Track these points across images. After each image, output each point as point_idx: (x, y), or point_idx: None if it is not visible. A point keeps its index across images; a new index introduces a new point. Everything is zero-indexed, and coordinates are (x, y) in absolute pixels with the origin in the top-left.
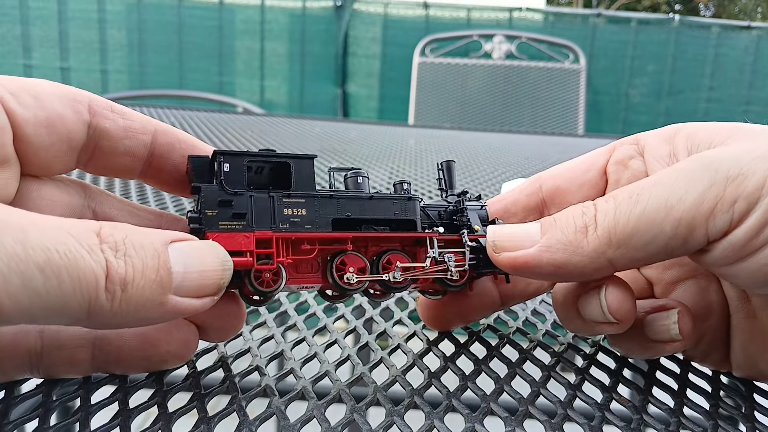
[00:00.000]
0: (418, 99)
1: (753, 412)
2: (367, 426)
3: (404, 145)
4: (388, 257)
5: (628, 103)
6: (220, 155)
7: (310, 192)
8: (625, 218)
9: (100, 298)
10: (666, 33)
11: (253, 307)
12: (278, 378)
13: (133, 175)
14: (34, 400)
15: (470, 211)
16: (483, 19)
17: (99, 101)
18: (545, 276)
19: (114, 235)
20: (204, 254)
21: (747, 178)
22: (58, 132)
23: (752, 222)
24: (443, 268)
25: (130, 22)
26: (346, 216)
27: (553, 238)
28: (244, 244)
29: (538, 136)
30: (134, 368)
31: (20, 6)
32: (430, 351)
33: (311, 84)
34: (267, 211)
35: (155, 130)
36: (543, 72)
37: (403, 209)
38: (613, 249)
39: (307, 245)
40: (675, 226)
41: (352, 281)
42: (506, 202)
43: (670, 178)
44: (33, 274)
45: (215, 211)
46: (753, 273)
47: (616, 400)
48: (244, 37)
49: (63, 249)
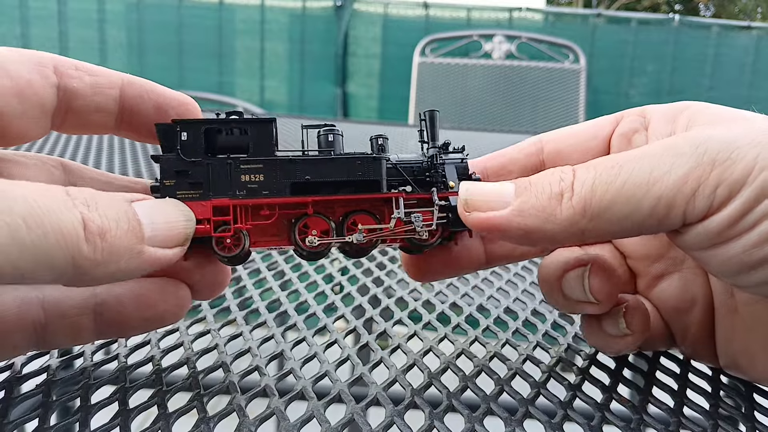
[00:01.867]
0: (418, 99)
1: (753, 412)
2: (367, 426)
3: (404, 145)
4: (353, 218)
5: (628, 103)
6: (178, 124)
7: (268, 156)
8: (603, 189)
9: (83, 249)
10: (666, 33)
11: (252, 308)
12: (278, 378)
13: (108, 129)
14: (34, 400)
15: (447, 165)
16: (483, 19)
17: (63, 62)
18: (514, 240)
19: (82, 193)
20: (165, 208)
21: (734, 163)
22: (28, 99)
23: (731, 211)
24: (410, 228)
25: (130, 22)
26: (306, 179)
27: (526, 202)
28: (201, 212)
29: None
30: (134, 330)
31: (20, 6)
32: (430, 351)
33: (311, 84)
34: (224, 177)
35: (122, 83)
36: (543, 72)
37: (367, 169)
38: (587, 220)
39: (266, 210)
40: (653, 205)
41: (315, 244)
42: (503, 159)
43: (657, 154)
44: (18, 225)
45: (173, 181)
46: (724, 262)
47: (616, 400)
48: (244, 37)
49: (41, 202)
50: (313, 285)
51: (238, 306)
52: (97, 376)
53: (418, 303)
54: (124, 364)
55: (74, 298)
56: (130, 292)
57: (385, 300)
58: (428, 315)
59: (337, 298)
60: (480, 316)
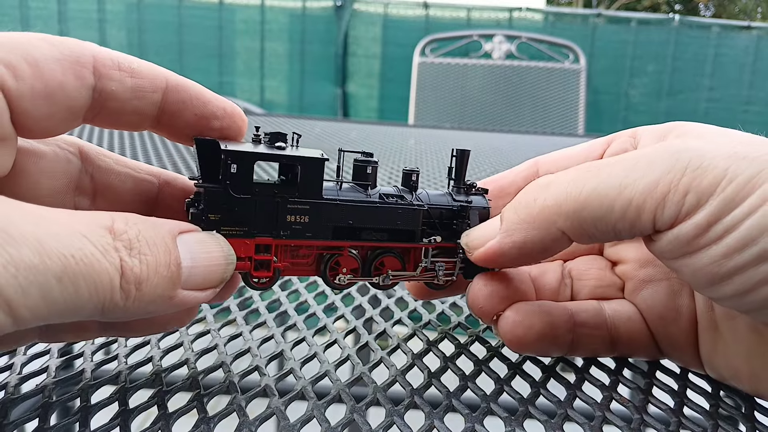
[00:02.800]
0: (418, 99)
1: (753, 412)
2: (367, 426)
3: (404, 145)
4: (381, 259)
5: (628, 103)
6: (229, 156)
7: (315, 198)
8: (577, 190)
9: (115, 298)
10: (666, 33)
11: (252, 308)
12: (278, 378)
13: (142, 128)
14: (34, 400)
15: (472, 212)
16: (483, 19)
17: (104, 59)
18: (516, 261)
19: (128, 232)
20: (210, 248)
21: (704, 172)
22: (58, 102)
23: (698, 219)
24: (432, 275)
25: (130, 22)
26: (348, 224)
27: (508, 220)
28: (243, 250)
29: (538, 136)
30: (139, 333)
31: (20, 6)
32: (430, 351)
33: (311, 84)
34: (270, 215)
35: (166, 86)
36: (543, 72)
37: (406, 219)
38: (563, 219)
39: (305, 250)
40: (624, 207)
41: (344, 282)
42: (502, 183)
43: (633, 159)
44: (51, 285)
45: (218, 216)
46: (695, 272)
47: (616, 400)
48: (244, 37)
49: (79, 255)
50: (313, 285)
51: (238, 306)
52: (97, 376)
53: (418, 303)
54: (124, 364)
55: None
56: None
57: (385, 300)
58: (428, 315)
59: (337, 298)
60: None
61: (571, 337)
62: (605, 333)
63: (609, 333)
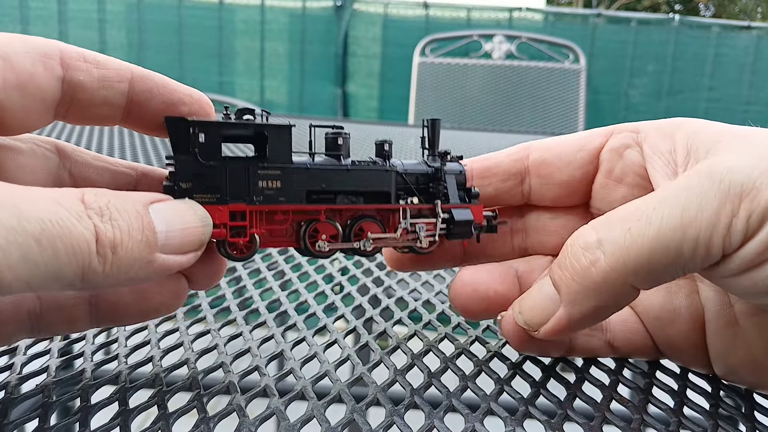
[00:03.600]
0: (418, 99)
1: (753, 412)
2: (367, 426)
3: (404, 145)
4: (360, 224)
5: (628, 103)
6: (196, 125)
7: (285, 164)
8: (638, 243)
9: (93, 263)
10: (666, 33)
11: (252, 308)
12: (278, 378)
13: (114, 122)
14: (34, 400)
15: (448, 176)
16: (483, 19)
17: (71, 52)
18: (588, 324)
19: (97, 201)
20: (183, 212)
21: (760, 191)
22: (30, 92)
23: (763, 236)
24: (414, 237)
25: (130, 22)
26: (321, 187)
27: (569, 291)
28: (217, 216)
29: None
30: (130, 320)
31: (20, 6)
32: (430, 351)
33: (311, 84)
34: (242, 182)
35: (132, 76)
36: (543, 72)
37: (379, 181)
38: (633, 276)
39: (281, 215)
40: (693, 248)
41: (324, 249)
42: (489, 162)
43: (680, 195)
44: (30, 246)
45: (189, 184)
46: (755, 283)
47: (616, 400)
48: (244, 37)
49: (55, 218)
50: (313, 285)
51: (238, 306)
52: (97, 376)
53: (418, 303)
54: (124, 364)
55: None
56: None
57: (385, 300)
58: (428, 315)
59: (337, 298)
60: None
61: (569, 337)
62: (602, 334)
63: (605, 334)
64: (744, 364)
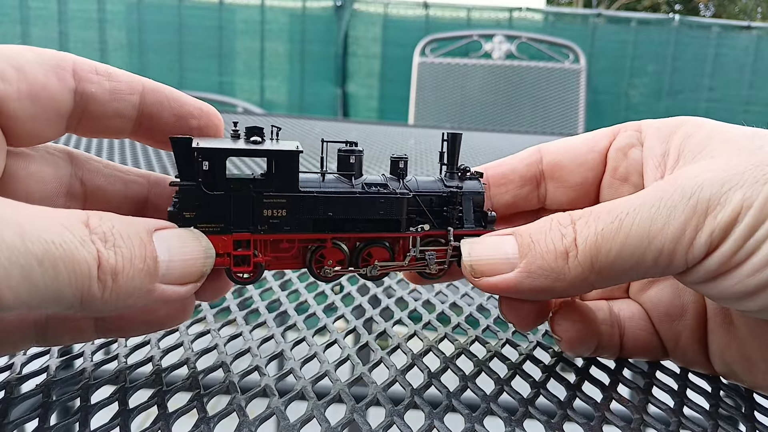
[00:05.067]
0: (418, 99)
1: (753, 412)
2: (367, 426)
3: (404, 145)
4: (368, 250)
5: (628, 103)
6: (199, 153)
7: (291, 191)
8: (607, 246)
9: (93, 288)
10: (666, 33)
11: (252, 308)
12: (278, 378)
13: (124, 134)
14: (34, 400)
15: (465, 200)
16: (483, 19)
17: (83, 64)
18: (525, 297)
19: (102, 226)
20: (187, 242)
21: (724, 207)
22: (43, 103)
23: (725, 249)
24: (422, 264)
25: (130, 22)
26: (328, 216)
27: (533, 263)
28: (221, 246)
29: (538, 136)
30: (135, 332)
31: (20, 6)
32: (430, 351)
33: (311, 84)
34: (247, 211)
35: (143, 89)
36: (543, 72)
37: (389, 208)
38: (595, 275)
39: (286, 243)
40: (656, 256)
41: (330, 275)
42: (504, 169)
43: (652, 204)
44: (32, 266)
45: (193, 213)
46: (723, 292)
47: (616, 400)
48: (244, 37)
49: (59, 241)
50: (313, 285)
51: (238, 306)
52: (97, 376)
53: (418, 303)
54: (124, 364)
55: None
56: None
57: (385, 300)
58: (428, 315)
59: (337, 298)
60: (480, 316)
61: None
62: (618, 331)
63: (619, 331)
64: (739, 362)
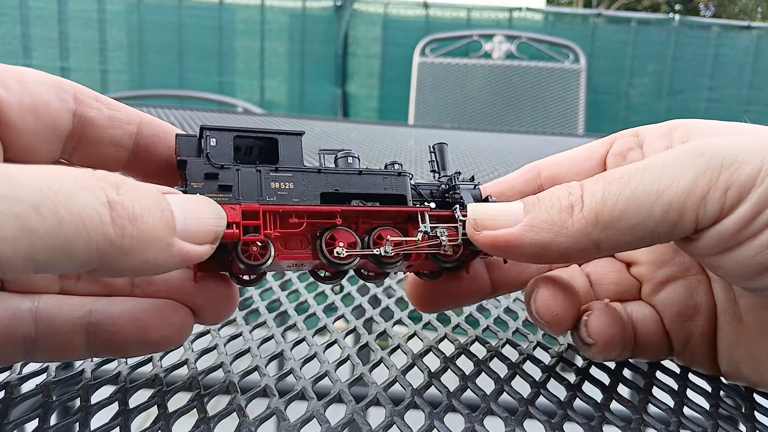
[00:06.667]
0: (418, 99)
1: (753, 412)
2: (367, 426)
3: (404, 145)
4: (378, 233)
5: (628, 103)
6: (207, 130)
7: (297, 167)
8: (614, 199)
9: (109, 233)
10: (666, 33)
11: (252, 308)
12: (278, 378)
13: (119, 166)
14: (34, 400)
15: (463, 191)
16: (483, 19)
17: (84, 91)
18: (528, 257)
19: (112, 176)
20: (199, 203)
21: (741, 166)
22: (43, 118)
23: (742, 212)
24: (436, 243)
25: (130, 22)
26: (335, 190)
27: (536, 217)
28: (230, 215)
29: (538, 135)
30: (128, 353)
31: (20, 6)
32: (430, 351)
33: (311, 84)
34: (254, 184)
35: (140, 120)
36: (543, 72)
37: (393, 184)
38: (599, 230)
39: (295, 218)
40: (665, 210)
41: (342, 255)
42: (502, 186)
43: (662, 163)
44: (28, 214)
45: (201, 184)
46: (737, 266)
47: (616, 400)
48: (244, 37)
49: (56, 186)
50: (313, 285)
51: (238, 306)
52: (97, 376)
53: None
54: (124, 364)
55: (68, 314)
56: (126, 312)
57: (385, 300)
58: (428, 315)
59: (337, 298)
60: (480, 316)
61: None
62: (632, 333)
63: (633, 334)
64: (746, 361)
